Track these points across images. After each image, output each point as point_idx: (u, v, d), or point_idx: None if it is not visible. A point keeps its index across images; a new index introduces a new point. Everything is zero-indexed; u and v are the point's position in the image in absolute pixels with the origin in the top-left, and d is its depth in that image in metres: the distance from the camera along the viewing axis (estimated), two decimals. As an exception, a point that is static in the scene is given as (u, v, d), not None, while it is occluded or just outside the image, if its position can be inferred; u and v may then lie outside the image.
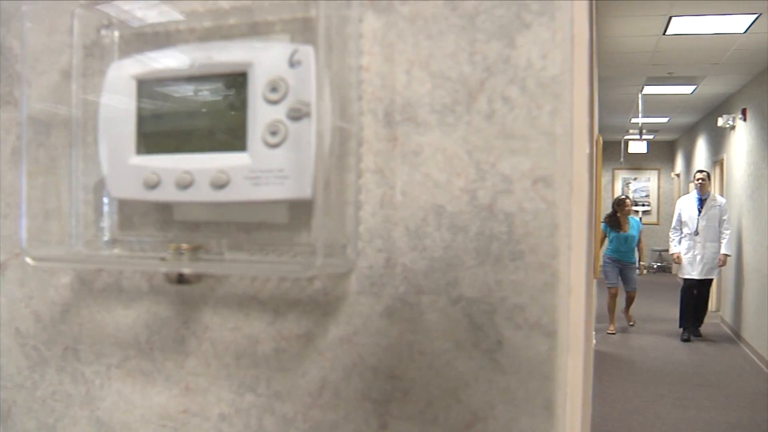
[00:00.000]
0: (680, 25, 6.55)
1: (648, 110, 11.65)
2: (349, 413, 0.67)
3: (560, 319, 0.64)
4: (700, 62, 8.21)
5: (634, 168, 17.90)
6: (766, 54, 7.66)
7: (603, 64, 8.32)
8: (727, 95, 10.52)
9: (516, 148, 0.60)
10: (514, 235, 0.60)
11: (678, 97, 10.78)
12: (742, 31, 6.70)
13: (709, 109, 12.00)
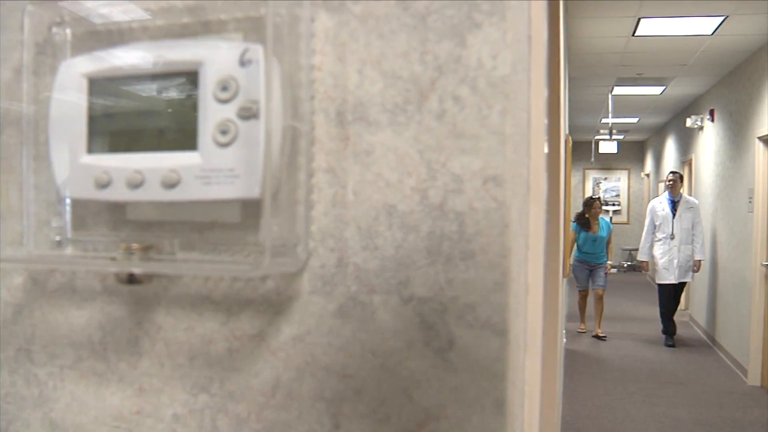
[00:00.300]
0: (649, 26, 6.61)
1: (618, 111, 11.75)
2: (302, 413, 0.67)
3: (512, 318, 0.64)
4: (668, 63, 8.29)
5: (605, 168, 18.05)
6: (733, 56, 7.75)
7: (573, 65, 8.38)
8: (695, 96, 10.64)
9: (466, 147, 0.60)
10: (465, 235, 0.61)
11: (647, 98, 10.88)
12: (709, 33, 6.77)
13: (678, 110, 12.13)
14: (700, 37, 6.99)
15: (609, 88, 9.84)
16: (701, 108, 10.44)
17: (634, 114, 12.76)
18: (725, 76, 8.92)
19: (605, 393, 7.15)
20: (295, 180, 0.64)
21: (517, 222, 0.68)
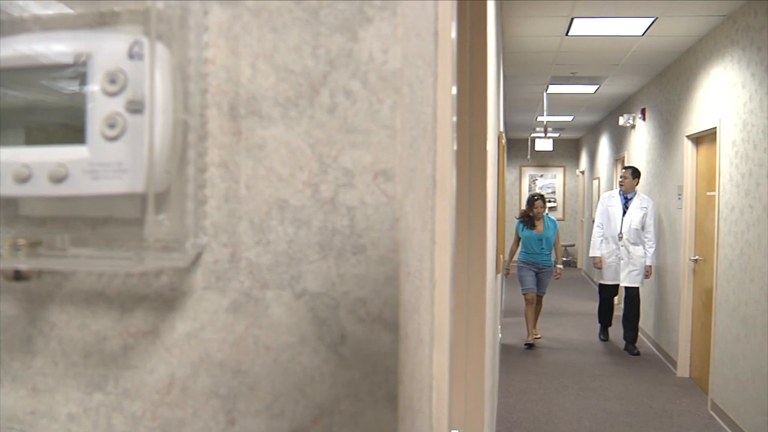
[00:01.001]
0: (582, 26, 6.72)
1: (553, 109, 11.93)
2: (197, 410, 0.66)
3: (405, 313, 0.64)
4: (601, 63, 8.45)
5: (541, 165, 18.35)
6: (663, 56, 7.93)
7: (508, 63, 8.47)
8: (627, 95, 10.87)
9: (357, 141, 0.60)
10: (356, 229, 0.61)
11: (581, 97, 11.07)
12: (640, 33, 6.92)
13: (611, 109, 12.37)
14: (631, 38, 7.14)
15: (544, 87, 9.99)
16: (633, 107, 10.66)
17: (568, 112, 12.97)
18: (656, 76, 9.13)
19: (539, 386, 7.26)
20: (186, 175, 0.63)
21: (412, 216, 0.69)
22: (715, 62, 6.63)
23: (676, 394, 7.04)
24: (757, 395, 5.43)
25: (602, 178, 13.91)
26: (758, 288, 5.42)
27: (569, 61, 8.33)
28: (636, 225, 8.65)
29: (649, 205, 8.70)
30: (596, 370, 7.98)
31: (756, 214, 5.48)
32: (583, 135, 17.31)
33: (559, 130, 16.06)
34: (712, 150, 6.82)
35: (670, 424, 6.17)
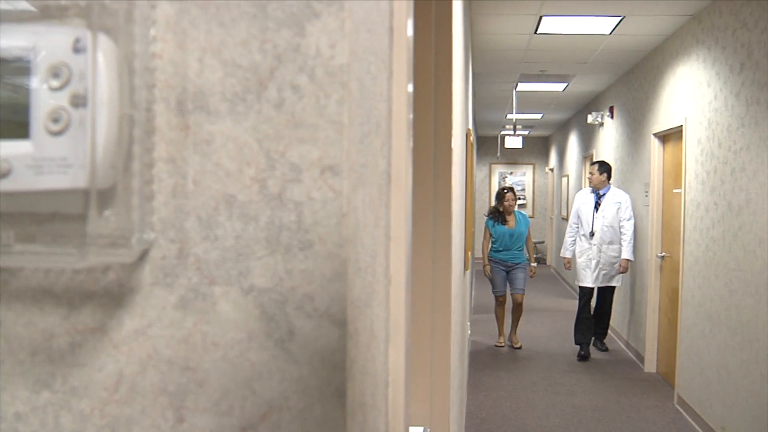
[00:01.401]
0: (550, 24, 6.76)
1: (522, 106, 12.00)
2: (146, 407, 0.65)
3: (353, 309, 0.64)
4: (570, 61, 8.51)
5: (511, 163, 18.47)
6: (630, 55, 8.00)
7: (478, 61, 8.50)
8: (596, 93, 10.96)
9: (305, 137, 0.60)
10: (303, 225, 0.60)
11: (550, 94, 11.15)
12: (607, 32, 6.98)
13: (580, 106, 12.47)
14: (599, 37, 7.20)
15: (513, 84, 10.04)
16: (602, 105, 10.75)
17: (538, 110, 13.06)
18: (623, 75, 9.21)
19: (509, 383, 7.30)
20: (133, 170, 0.62)
21: (363, 212, 0.68)
22: (681, 61, 6.71)
23: (643, 389, 7.11)
24: (721, 389, 5.50)
25: (571, 176, 14.01)
26: (722, 284, 5.50)
27: (538, 59, 8.39)
28: (609, 222, 8.15)
29: (623, 200, 8.21)
30: (565, 366, 8.04)
31: (720, 212, 5.55)
32: (553, 133, 17.44)
33: (528, 127, 16.17)
34: (678, 148, 6.90)
35: (637, 418, 6.23)
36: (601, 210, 8.24)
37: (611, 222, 8.16)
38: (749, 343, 4.98)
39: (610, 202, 8.21)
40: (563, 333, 9.73)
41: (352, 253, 0.63)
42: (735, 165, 5.26)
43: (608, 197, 8.24)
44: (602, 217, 8.20)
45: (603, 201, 8.24)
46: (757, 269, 4.85)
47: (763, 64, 4.78)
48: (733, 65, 5.35)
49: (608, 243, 8.17)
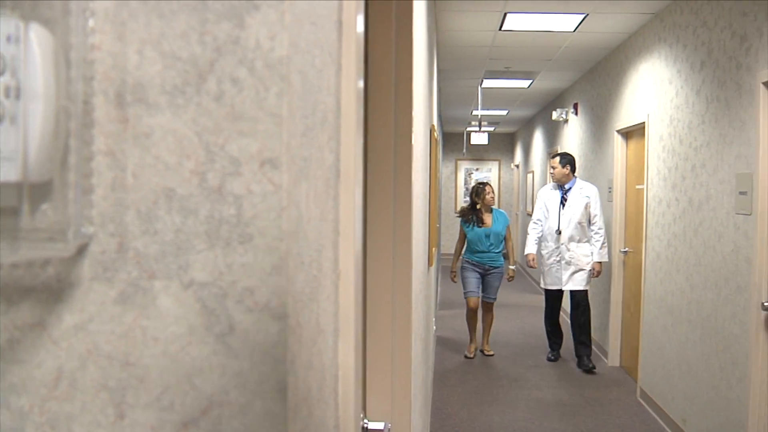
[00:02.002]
0: (515, 21, 6.79)
1: (488, 103, 12.05)
2: (86, 403, 0.65)
3: (295, 303, 0.64)
4: (534, 58, 8.56)
5: (477, 159, 18.57)
6: (594, 52, 8.07)
7: (443, 57, 8.52)
8: (560, 90, 11.04)
9: (244, 129, 0.60)
10: (243, 218, 0.60)
11: (516, 91, 11.20)
12: (571, 29, 7.02)
13: (545, 103, 12.55)
14: (563, 34, 7.25)
15: (479, 81, 10.07)
16: (566, 101, 10.83)
17: (503, 106, 13.12)
18: (587, 72, 9.29)
19: (474, 378, 7.34)
20: (70, 163, 0.61)
21: (306, 206, 0.68)
22: (644, 59, 6.77)
23: (607, 383, 7.18)
24: (682, 382, 5.57)
25: (536, 172, 14.11)
26: (684, 278, 5.57)
27: (503, 55, 8.42)
28: (578, 218, 7.44)
29: (592, 193, 7.51)
30: (529, 361, 8.09)
31: (682, 207, 5.62)
32: (518, 129, 17.54)
33: (494, 124, 16.25)
34: (640, 144, 6.97)
35: (601, 411, 6.29)
36: (568, 206, 7.51)
37: (579, 218, 7.45)
38: (709, 336, 5.05)
39: (577, 197, 7.49)
40: (528, 328, 9.79)
41: (293, 246, 0.63)
42: (696, 161, 5.33)
43: (575, 191, 7.53)
44: (569, 214, 7.46)
45: (569, 196, 7.52)
46: (716, 264, 4.92)
47: (723, 62, 4.85)
48: (694, 63, 5.41)
49: (576, 241, 7.50)
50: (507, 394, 6.79)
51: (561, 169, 7.58)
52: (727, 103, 4.77)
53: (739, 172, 4.55)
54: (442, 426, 5.89)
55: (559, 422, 5.95)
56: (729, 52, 4.76)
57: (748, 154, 4.42)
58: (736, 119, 4.62)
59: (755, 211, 4.30)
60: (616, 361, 7.85)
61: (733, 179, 4.64)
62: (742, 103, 4.53)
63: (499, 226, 7.85)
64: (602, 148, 8.38)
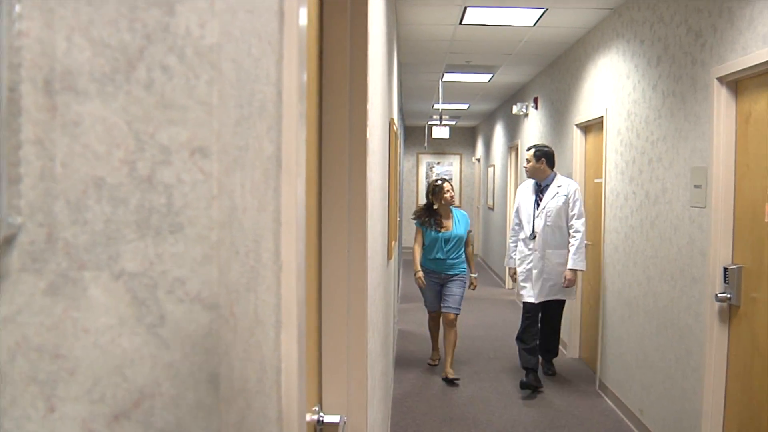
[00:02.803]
0: (475, 15, 6.82)
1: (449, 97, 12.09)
2: (15, 397, 0.63)
3: (228, 293, 0.63)
4: (495, 52, 8.59)
5: (438, 153, 18.65)
6: (553, 47, 8.13)
7: (404, 51, 8.53)
8: (521, 84, 11.11)
9: (174, 118, 0.59)
10: (174, 207, 0.59)
11: (476, 85, 11.25)
12: (531, 24, 7.07)
13: (505, 97, 12.63)
14: (523, 28, 7.29)
15: (440, 75, 10.10)
16: (526, 95, 10.90)
17: (464, 100, 13.17)
18: (547, 66, 9.35)
19: (434, 371, 7.36)
20: (-6, 152, 0.60)
21: (241, 195, 0.68)
22: (602, 54, 6.84)
23: (566, 375, 7.26)
24: (639, 373, 5.65)
25: (497, 166, 14.19)
26: (641, 270, 5.64)
27: (464, 49, 8.45)
28: (553, 220, 6.50)
29: (571, 191, 6.54)
30: (490, 353, 8.15)
31: (639, 200, 5.69)
32: (479, 123, 17.64)
33: (455, 118, 16.32)
34: (599, 138, 7.04)
35: (561, 403, 6.36)
36: (543, 206, 6.55)
37: (555, 220, 6.50)
38: (665, 327, 5.12)
39: (553, 196, 6.53)
40: (489, 320, 9.86)
41: (226, 236, 0.63)
42: (652, 155, 5.40)
43: (551, 190, 6.56)
44: (544, 215, 6.53)
45: (545, 195, 6.57)
46: (672, 256, 4.99)
47: (679, 58, 4.91)
48: (651, 58, 5.48)
49: (553, 247, 6.53)
50: (467, 386, 6.83)
51: (535, 163, 6.62)
52: (682, 98, 4.84)
53: (694, 166, 4.62)
54: (403, 419, 5.90)
55: (519, 414, 6.00)
56: (684, 48, 4.83)
57: (703, 148, 4.49)
58: (691, 114, 4.68)
59: (709, 204, 4.36)
60: (575, 352, 7.93)
61: (689, 173, 4.71)
62: (697, 97, 4.59)
63: (461, 229, 6.94)
64: (561, 142, 8.44)
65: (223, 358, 0.62)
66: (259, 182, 0.75)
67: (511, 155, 12.29)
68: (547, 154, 6.67)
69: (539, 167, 6.64)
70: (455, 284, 6.99)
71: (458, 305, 6.97)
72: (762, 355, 3.94)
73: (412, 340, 8.73)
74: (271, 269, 0.82)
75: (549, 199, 6.55)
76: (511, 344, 8.26)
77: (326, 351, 2.15)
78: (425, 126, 17.00)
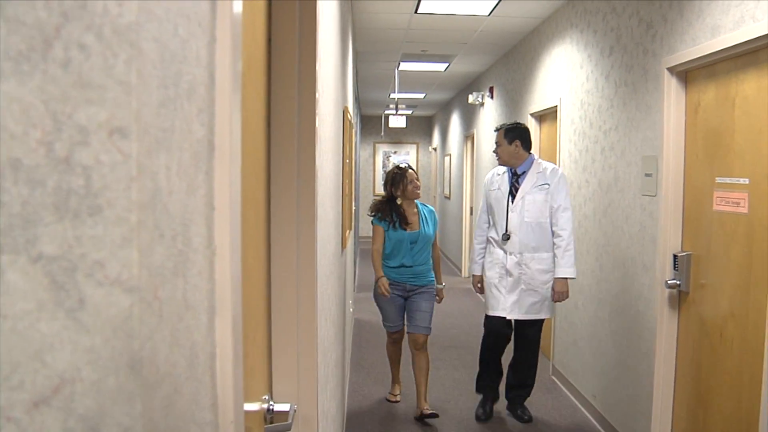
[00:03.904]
0: (430, 4, 6.82)
1: (405, 86, 12.10)
2: (-69, 386, 0.62)
3: (152, 276, 0.62)
4: (450, 41, 8.61)
5: (395, 142, 18.69)
6: (508, 36, 8.17)
7: (360, 40, 8.50)
8: (477, 74, 11.15)
9: (92, 97, 0.58)
10: (92, 189, 0.58)
11: (433, 74, 11.27)
12: (486, 13, 7.09)
13: (461, 87, 12.67)
14: (478, 18, 7.31)
15: (396, 64, 10.09)
16: (482, 85, 10.95)
17: (420, 90, 13.20)
18: (503, 56, 9.40)
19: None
20: None
21: (166, 178, 0.67)
22: (556, 44, 6.89)
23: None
24: (592, 359, 5.72)
25: (453, 155, 14.26)
26: (594, 259, 5.70)
27: (419, 38, 8.45)
28: (533, 216, 5.21)
29: (553, 180, 5.23)
30: (445, 342, 8.19)
31: (591, 189, 5.75)
32: (436, 112, 17.69)
33: (412, 107, 16.34)
34: (553, 128, 7.10)
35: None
36: (520, 198, 5.27)
37: (535, 216, 5.22)
38: (617, 314, 5.19)
39: (533, 186, 5.27)
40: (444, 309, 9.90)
41: (148, 218, 0.61)
42: (605, 144, 5.46)
43: (530, 178, 5.29)
44: (521, 210, 5.26)
45: (522, 184, 5.30)
46: (624, 244, 5.06)
47: (631, 48, 4.97)
48: (604, 48, 5.53)
49: (533, 250, 5.26)
50: (424, 375, 6.86)
51: (506, 146, 5.35)
52: (634, 88, 4.90)
53: (645, 155, 4.68)
54: (359, 407, 5.91)
55: (475, 401, 6.05)
56: (636, 38, 4.88)
57: (654, 138, 4.55)
58: (643, 103, 4.74)
59: (660, 193, 4.43)
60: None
61: (640, 162, 4.77)
62: (648, 87, 4.65)
63: (429, 228, 5.60)
64: (517, 132, 8.50)
65: (146, 342, 0.61)
66: (189, 165, 0.74)
67: (467, 144, 12.35)
68: (522, 132, 5.37)
69: (513, 150, 5.34)
70: (424, 298, 5.58)
71: (429, 324, 5.60)
72: (709, 339, 4.01)
73: (369, 329, 8.74)
74: (203, 254, 0.81)
75: (527, 190, 5.26)
76: (468, 333, 8.31)
77: (276, 339, 2.15)
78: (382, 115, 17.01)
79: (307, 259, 2.14)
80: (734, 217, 3.78)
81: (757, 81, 3.59)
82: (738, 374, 3.75)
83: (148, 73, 0.61)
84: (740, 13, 3.57)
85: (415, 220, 5.57)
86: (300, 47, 2.11)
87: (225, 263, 0.86)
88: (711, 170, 4.00)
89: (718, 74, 3.95)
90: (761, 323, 3.42)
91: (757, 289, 3.55)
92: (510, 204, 5.30)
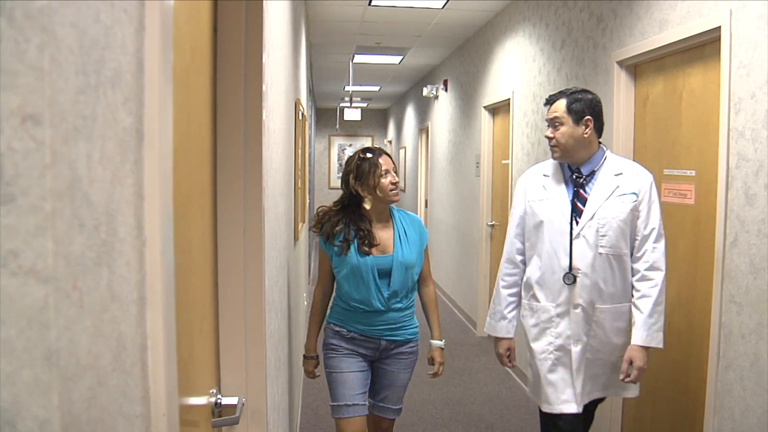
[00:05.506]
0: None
1: (360, 79, 12.08)
2: None
3: (68, 265, 0.61)
4: (405, 34, 8.62)
5: (350, 135, 18.67)
6: (462, 29, 8.20)
7: (313, 32, 8.47)
8: (431, 67, 11.18)
9: (5, 83, 0.56)
10: (5, 177, 0.57)
11: (387, 67, 11.27)
12: (440, 6, 7.11)
13: (416, 79, 12.69)
14: (431, 11, 7.32)
15: (350, 56, 10.06)
16: (436, 78, 10.99)
17: (375, 82, 13.19)
18: (457, 49, 9.44)
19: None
20: None
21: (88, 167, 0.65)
22: (509, 37, 6.93)
23: (476, 353, 7.38)
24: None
25: (408, 147, 14.29)
26: (545, 250, 5.75)
27: (374, 31, 8.44)
28: (612, 244, 3.13)
29: (643, 188, 3.16)
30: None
31: (543, 181, 5.80)
32: (391, 105, 17.71)
33: (367, 99, 16.34)
34: (506, 120, 7.15)
35: (470, 380, 6.46)
36: (590, 214, 3.18)
37: (616, 244, 3.16)
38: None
39: (610, 194, 3.20)
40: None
41: (65, 207, 0.60)
42: (556, 137, 5.51)
43: (603, 182, 3.23)
44: (594, 234, 3.16)
45: (592, 191, 3.22)
46: (574, 235, 5.11)
47: (582, 42, 5.02)
48: (555, 42, 5.58)
49: (609, 299, 3.19)
50: (379, 367, 6.86)
51: (573, 127, 3.23)
52: (585, 81, 4.94)
53: (595, 147, 4.72)
54: (314, 400, 5.90)
55: (430, 392, 6.07)
56: (587, 32, 4.93)
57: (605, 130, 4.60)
58: (592, 96, 4.79)
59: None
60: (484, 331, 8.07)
61: (589, 154, 4.81)
62: (599, 81, 4.70)
63: (411, 249, 3.44)
64: (470, 124, 8.54)
65: (64, 333, 0.60)
66: (114, 154, 0.73)
67: (422, 137, 12.38)
68: (596, 106, 3.32)
69: (581, 135, 3.23)
70: (402, 364, 3.58)
71: (401, 403, 3.66)
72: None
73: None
74: (132, 244, 0.80)
75: (601, 203, 3.18)
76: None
77: (223, 332, 2.13)
78: (337, 108, 16.98)
79: (254, 251, 2.13)
80: (681, 209, 3.84)
81: (703, 75, 3.65)
82: (684, 363, 3.82)
83: (63, 59, 0.60)
84: (687, 9, 3.63)
85: (387, 237, 3.40)
86: (246, 37, 2.09)
87: (156, 254, 0.85)
88: (659, 162, 4.06)
89: (666, 68, 4.00)
90: (707, 312, 3.48)
91: (703, 279, 3.61)
92: (574, 225, 3.20)
